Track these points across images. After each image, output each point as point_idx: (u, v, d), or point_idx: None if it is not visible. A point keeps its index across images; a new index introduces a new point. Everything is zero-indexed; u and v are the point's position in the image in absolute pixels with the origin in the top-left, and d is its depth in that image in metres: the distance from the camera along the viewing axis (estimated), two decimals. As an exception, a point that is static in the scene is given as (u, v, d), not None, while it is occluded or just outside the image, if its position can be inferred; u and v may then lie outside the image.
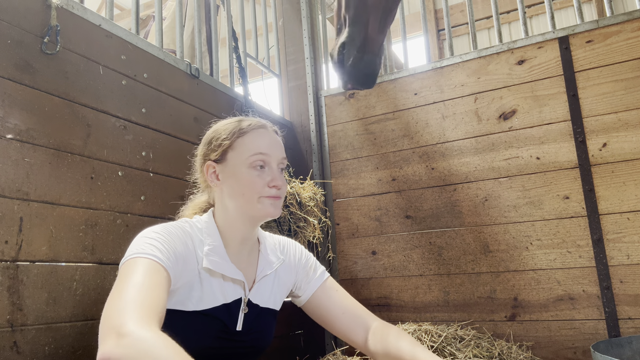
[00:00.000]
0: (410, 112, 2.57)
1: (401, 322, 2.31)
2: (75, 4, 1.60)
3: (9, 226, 1.28)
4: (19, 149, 1.34)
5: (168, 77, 1.96)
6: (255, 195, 1.19)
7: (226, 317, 1.19)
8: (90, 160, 1.55)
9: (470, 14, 2.56)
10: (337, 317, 1.35)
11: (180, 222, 1.21)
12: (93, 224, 1.52)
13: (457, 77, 2.47)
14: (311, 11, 3.02)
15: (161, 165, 1.83)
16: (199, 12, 2.57)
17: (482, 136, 2.37)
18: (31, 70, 1.41)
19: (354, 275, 2.59)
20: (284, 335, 2.37)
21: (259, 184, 1.19)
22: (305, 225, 2.24)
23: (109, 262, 1.54)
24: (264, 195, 1.20)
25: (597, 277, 2.05)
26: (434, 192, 2.44)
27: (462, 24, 5.78)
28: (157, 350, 0.79)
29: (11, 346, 1.24)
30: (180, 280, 1.10)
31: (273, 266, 1.32)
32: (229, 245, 1.24)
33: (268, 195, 1.20)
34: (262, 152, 1.21)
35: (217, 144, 1.24)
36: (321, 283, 1.39)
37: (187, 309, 1.14)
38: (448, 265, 2.36)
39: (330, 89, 2.88)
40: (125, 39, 1.78)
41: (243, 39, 2.71)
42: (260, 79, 3.40)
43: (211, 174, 1.24)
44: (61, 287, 1.39)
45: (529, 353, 2.05)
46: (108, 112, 1.65)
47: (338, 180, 2.71)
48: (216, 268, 1.17)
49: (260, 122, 1.29)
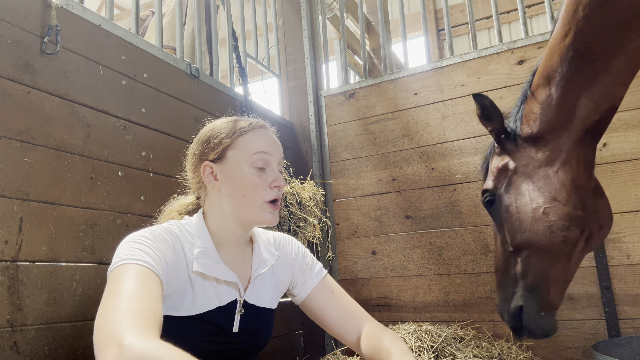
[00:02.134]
0: (410, 112, 2.57)
1: (401, 322, 2.31)
2: (75, 4, 1.60)
3: (9, 226, 1.28)
4: (19, 149, 1.34)
5: (168, 77, 1.96)
6: (258, 199, 1.18)
7: (222, 319, 1.18)
8: (90, 160, 1.55)
9: (470, 14, 2.56)
10: (332, 317, 1.34)
11: (168, 224, 1.17)
12: (93, 224, 1.52)
13: (457, 77, 2.47)
14: (311, 11, 3.02)
15: (161, 165, 1.83)
16: (199, 12, 2.57)
17: (482, 136, 2.37)
18: (31, 70, 1.41)
19: (354, 275, 2.59)
20: (284, 335, 2.37)
21: (261, 186, 1.18)
22: (305, 225, 2.24)
23: (109, 262, 1.53)
24: (267, 199, 1.18)
25: (597, 277, 2.05)
26: (434, 192, 2.44)
27: (462, 24, 5.78)
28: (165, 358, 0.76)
29: (11, 346, 1.23)
30: (171, 287, 1.08)
31: (267, 264, 1.30)
32: (221, 246, 1.21)
33: (270, 200, 1.19)
34: (264, 151, 1.20)
35: (216, 143, 1.21)
36: (318, 282, 1.38)
37: (180, 314, 1.12)
38: (448, 265, 2.36)
39: (330, 89, 2.88)
40: (125, 39, 1.78)
41: (243, 39, 2.71)
42: (260, 79, 3.41)
43: (208, 174, 1.21)
44: (61, 287, 1.39)
45: (529, 353, 2.05)
46: (108, 112, 1.65)
47: (338, 180, 2.71)
48: (208, 271, 1.14)
49: (260, 122, 1.27)
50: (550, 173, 1.26)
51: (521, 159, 1.32)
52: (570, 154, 1.25)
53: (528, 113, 1.33)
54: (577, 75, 1.21)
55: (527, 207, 1.26)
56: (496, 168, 1.38)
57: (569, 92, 1.23)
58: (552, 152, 1.27)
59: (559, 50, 1.23)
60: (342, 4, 3.04)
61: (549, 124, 1.27)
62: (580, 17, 1.16)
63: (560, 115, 1.25)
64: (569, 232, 1.21)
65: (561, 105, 1.25)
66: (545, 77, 1.28)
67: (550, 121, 1.27)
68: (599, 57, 1.17)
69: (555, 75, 1.24)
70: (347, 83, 2.90)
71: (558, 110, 1.25)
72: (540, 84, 1.29)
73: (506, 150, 1.37)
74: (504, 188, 1.35)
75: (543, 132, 1.28)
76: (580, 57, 1.19)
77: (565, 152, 1.25)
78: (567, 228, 1.21)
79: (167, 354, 0.77)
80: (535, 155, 1.30)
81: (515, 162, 1.33)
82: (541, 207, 1.24)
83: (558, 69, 1.24)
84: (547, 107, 1.27)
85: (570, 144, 1.25)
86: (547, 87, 1.27)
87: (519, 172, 1.32)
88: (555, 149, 1.26)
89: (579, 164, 1.26)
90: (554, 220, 1.22)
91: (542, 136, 1.29)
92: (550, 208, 1.23)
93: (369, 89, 2.71)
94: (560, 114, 1.25)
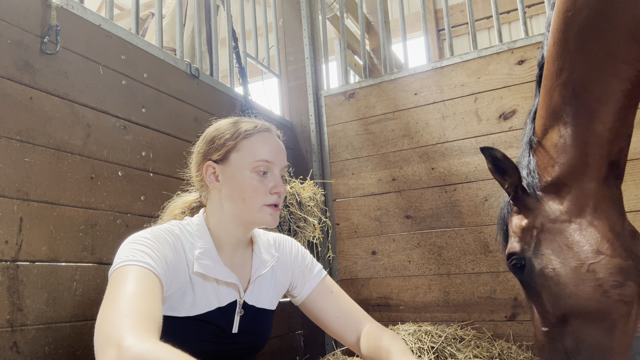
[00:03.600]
0: (410, 112, 2.57)
1: (401, 322, 2.31)
2: (75, 4, 1.60)
3: (9, 226, 1.28)
4: (19, 149, 1.34)
5: (168, 77, 1.96)
6: (257, 202, 1.17)
7: (221, 320, 1.18)
8: (90, 160, 1.55)
9: (470, 14, 2.56)
10: (332, 318, 1.35)
11: (169, 225, 1.17)
12: (93, 224, 1.52)
13: (457, 77, 2.47)
14: (311, 11, 3.02)
15: (161, 165, 1.83)
16: (199, 12, 2.57)
17: (482, 136, 2.37)
18: (31, 70, 1.41)
19: (354, 275, 2.59)
20: (284, 335, 2.37)
21: (261, 191, 1.17)
22: (305, 225, 2.24)
23: (109, 262, 1.54)
24: (266, 203, 1.18)
25: (597, 277, 2.05)
26: (434, 192, 2.44)
27: (462, 24, 5.78)
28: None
29: (11, 346, 1.23)
30: (171, 288, 1.08)
31: (267, 265, 1.30)
32: (222, 247, 1.22)
33: (269, 204, 1.19)
34: (267, 160, 1.19)
35: (220, 144, 1.21)
36: (317, 283, 1.38)
37: (180, 314, 1.13)
38: (448, 265, 2.36)
39: (330, 89, 2.88)
40: (125, 39, 1.78)
41: (243, 39, 2.71)
42: (260, 79, 3.41)
43: (210, 174, 1.21)
44: (61, 287, 1.39)
45: (529, 353, 2.05)
46: (108, 112, 1.65)
47: (338, 180, 2.71)
48: (208, 272, 1.15)
49: (265, 125, 1.26)
50: (584, 223, 1.12)
51: (546, 214, 1.18)
52: (598, 197, 1.13)
53: (542, 160, 1.22)
54: (582, 109, 1.14)
55: (567, 267, 1.10)
56: (519, 228, 1.22)
57: (581, 128, 1.14)
58: (580, 199, 1.14)
59: (557, 88, 1.17)
60: (342, 4, 3.04)
61: (569, 168, 1.16)
62: (572, 48, 1.11)
63: (578, 154, 1.15)
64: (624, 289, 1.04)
65: (577, 144, 1.15)
66: (552, 119, 1.19)
67: (570, 164, 1.16)
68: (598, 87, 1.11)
69: (562, 114, 1.16)
70: (347, 83, 2.90)
71: (575, 150, 1.15)
72: (548, 126, 1.20)
73: (526, 206, 1.22)
74: (533, 250, 1.18)
75: (565, 177, 1.17)
76: (581, 89, 1.13)
77: (593, 196, 1.13)
78: (621, 284, 1.04)
79: (166, 355, 0.77)
80: (561, 206, 1.16)
81: (541, 219, 1.18)
82: (585, 264, 1.07)
83: (563, 107, 1.16)
84: (562, 149, 1.17)
85: (596, 185, 1.14)
86: (556, 128, 1.18)
87: (546, 229, 1.17)
88: (581, 195, 1.14)
89: (611, 207, 1.14)
90: (604, 277, 1.05)
91: (564, 182, 1.17)
92: (597, 263, 1.06)
93: (369, 89, 2.71)
94: (578, 153, 1.15)
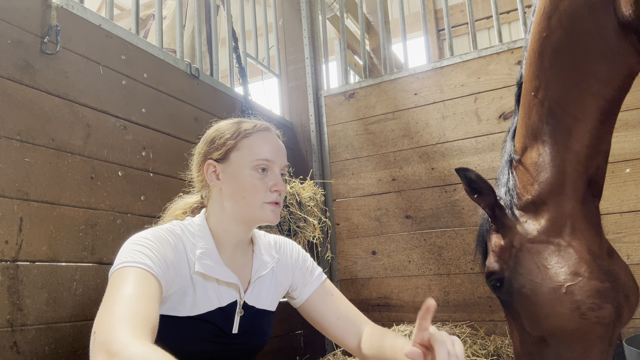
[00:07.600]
0: (410, 112, 2.57)
1: (401, 322, 2.31)
2: (75, 4, 1.60)
3: (9, 226, 1.28)
4: (19, 149, 1.34)
5: (168, 77, 1.96)
6: (257, 200, 1.18)
7: (221, 320, 1.18)
8: (90, 160, 1.55)
9: (470, 14, 2.56)
10: (331, 322, 1.34)
11: (170, 225, 1.18)
12: (93, 224, 1.52)
13: (457, 77, 2.47)
14: (311, 11, 3.02)
15: (161, 165, 1.83)
16: (199, 12, 2.57)
17: (482, 136, 2.37)
18: (31, 70, 1.41)
19: (354, 275, 2.59)
20: (284, 335, 2.37)
21: (262, 188, 1.18)
22: (305, 225, 2.24)
23: (109, 262, 1.54)
24: (266, 201, 1.19)
25: (597, 277, 2.05)
26: (434, 192, 2.44)
27: (462, 24, 5.78)
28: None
29: (11, 346, 1.24)
30: (172, 288, 1.09)
31: (268, 266, 1.30)
32: (222, 247, 1.22)
33: (270, 202, 1.19)
34: (267, 159, 1.20)
35: (220, 143, 1.22)
36: (317, 286, 1.38)
37: (180, 314, 1.13)
38: (448, 265, 2.36)
39: (330, 89, 2.89)
40: (125, 39, 1.78)
41: (243, 39, 2.71)
42: (260, 79, 3.41)
43: (211, 173, 1.22)
44: (61, 287, 1.39)
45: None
46: (108, 112, 1.65)
47: (338, 180, 2.71)
48: (209, 272, 1.15)
49: (265, 125, 1.27)
50: (562, 244, 1.11)
51: (525, 233, 1.17)
52: (576, 217, 1.12)
53: (522, 179, 1.21)
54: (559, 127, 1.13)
55: (545, 288, 1.10)
56: (498, 247, 1.22)
57: (558, 145, 1.14)
58: (558, 219, 1.14)
59: (535, 106, 1.16)
60: (342, 4, 3.04)
61: (548, 186, 1.15)
62: (547, 68, 1.11)
63: (557, 172, 1.14)
64: (602, 311, 1.04)
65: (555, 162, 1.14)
66: (530, 137, 1.19)
67: (549, 182, 1.15)
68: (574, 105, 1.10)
69: (540, 132, 1.16)
70: (347, 83, 2.90)
71: (553, 168, 1.15)
72: (527, 144, 1.20)
73: (504, 225, 1.21)
74: (511, 269, 1.17)
75: (544, 196, 1.16)
76: (558, 107, 1.13)
77: (570, 216, 1.12)
78: (599, 306, 1.04)
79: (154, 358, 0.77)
80: (539, 225, 1.16)
81: (519, 238, 1.18)
82: (562, 286, 1.07)
83: (540, 125, 1.16)
84: (542, 167, 1.16)
85: (574, 204, 1.13)
86: (535, 146, 1.18)
87: (524, 248, 1.16)
88: (559, 215, 1.14)
89: (589, 227, 1.13)
90: (582, 300, 1.05)
91: (543, 201, 1.16)
92: (574, 285, 1.06)
93: (369, 89, 2.71)
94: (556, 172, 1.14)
